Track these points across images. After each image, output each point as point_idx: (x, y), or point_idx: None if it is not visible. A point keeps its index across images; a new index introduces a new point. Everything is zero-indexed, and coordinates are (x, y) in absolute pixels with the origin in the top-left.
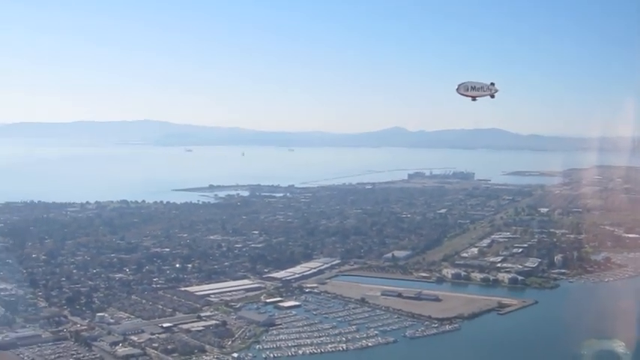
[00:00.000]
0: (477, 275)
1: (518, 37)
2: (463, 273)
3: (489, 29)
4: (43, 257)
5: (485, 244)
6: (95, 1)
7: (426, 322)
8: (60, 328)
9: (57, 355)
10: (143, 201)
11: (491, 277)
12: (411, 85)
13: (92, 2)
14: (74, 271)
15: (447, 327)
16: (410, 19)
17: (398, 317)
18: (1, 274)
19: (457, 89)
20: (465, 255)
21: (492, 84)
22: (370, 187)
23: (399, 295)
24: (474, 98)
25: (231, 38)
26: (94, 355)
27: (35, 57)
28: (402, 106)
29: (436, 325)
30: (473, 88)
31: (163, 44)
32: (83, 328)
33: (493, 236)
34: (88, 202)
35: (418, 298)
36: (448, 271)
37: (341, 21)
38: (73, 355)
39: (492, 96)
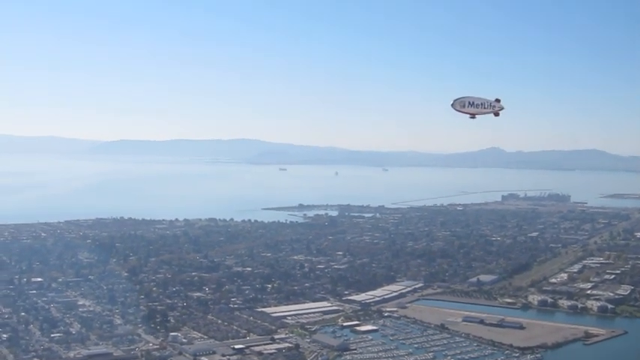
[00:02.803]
0: (565, 302)
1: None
2: (550, 300)
3: (590, 44)
4: (125, 274)
5: (575, 270)
6: (192, 27)
7: (507, 352)
8: (132, 347)
9: None
10: (231, 219)
11: (580, 305)
12: (510, 105)
13: (190, 27)
14: (154, 288)
15: (529, 357)
16: (508, 35)
17: (478, 345)
18: (82, 290)
19: (452, 105)
20: (553, 281)
21: (497, 100)
22: (461, 208)
23: (481, 322)
24: (472, 116)
25: (327, 61)
26: None
27: (135, 78)
28: (499, 126)
29: (517, 355)
30: (471, 105)
31: (260, 66)
32: (155, 347)
33: (585, 261)
34: (176, 220)
35: (501, 325)
36: (535, 298)
37: (438, 41)
38: None
39: (496, 114)
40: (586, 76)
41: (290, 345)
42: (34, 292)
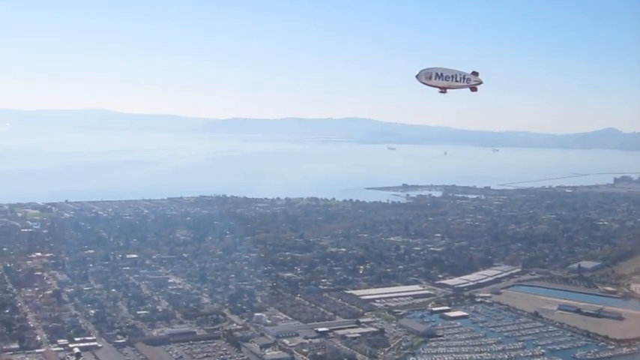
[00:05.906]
0: None
1: None
2: None
3: None
4: (219, 252)
5: None
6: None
7: (602, 343)
8: (215, 326)
9: (205, 354)
10: (333, 198)
11: None
12: (625, 84)
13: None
14: (245, 267)
15: (625, 350)
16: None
17: (571, 335)
18: (174, 267)
19: (417, 76)
20: None
21: (475, 73)
22: (570, 191)
23: (578, 311)
24: (442, 90)
25: (440, 40)
26: (241, 356)
27: (251, 58)
28: (615, 106)
29: (612, 347)
30: (439, 77)
31: (371, 43)
32: (238, 327)
33: None
34: (278, 198)
35: (598, 315)
36: (637, 287)
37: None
38: (221, 355)
39: (474, 89)
40: None
41: (375, 329)
42: (128, 268)
